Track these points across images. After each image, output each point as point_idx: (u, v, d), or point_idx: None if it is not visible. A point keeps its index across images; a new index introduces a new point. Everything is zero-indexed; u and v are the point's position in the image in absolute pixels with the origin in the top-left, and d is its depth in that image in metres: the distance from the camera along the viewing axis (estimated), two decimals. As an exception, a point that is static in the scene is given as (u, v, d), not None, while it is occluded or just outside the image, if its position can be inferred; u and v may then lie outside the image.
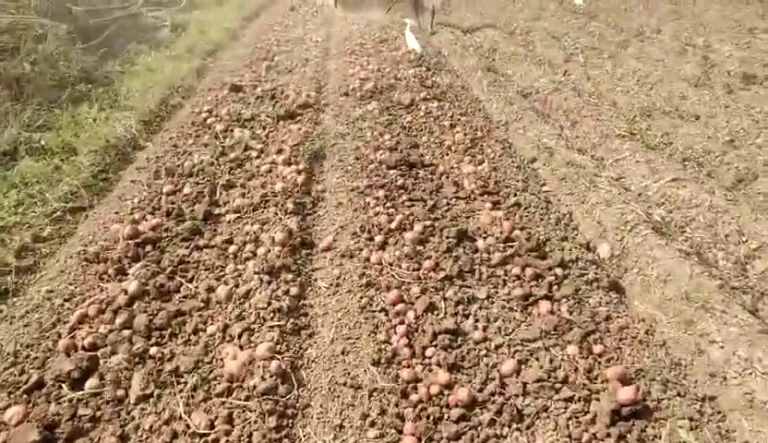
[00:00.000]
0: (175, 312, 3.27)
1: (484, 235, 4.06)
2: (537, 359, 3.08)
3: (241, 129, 5.71)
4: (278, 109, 6.23)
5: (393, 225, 4.08)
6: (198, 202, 4.41)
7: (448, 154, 5.35)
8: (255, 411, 2.70)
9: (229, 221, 4.15)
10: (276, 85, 7.13)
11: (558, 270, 3.68)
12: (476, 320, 3.34)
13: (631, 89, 7.19)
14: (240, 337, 3.01)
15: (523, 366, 3.03)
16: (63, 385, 2.78)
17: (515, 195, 4.63)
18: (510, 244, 3.94)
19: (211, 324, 3.20)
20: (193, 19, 11.40)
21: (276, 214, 4.20)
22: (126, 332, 3.10)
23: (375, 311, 3.33)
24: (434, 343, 3.04)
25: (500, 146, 5.60)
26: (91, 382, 2.79)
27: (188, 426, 2.58)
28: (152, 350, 3.00)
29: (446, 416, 2.75)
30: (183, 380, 2.89)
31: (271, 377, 2.85)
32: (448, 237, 3.97)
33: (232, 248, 3.84)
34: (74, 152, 5.20)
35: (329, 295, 3.55)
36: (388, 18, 10.65)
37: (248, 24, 11.89)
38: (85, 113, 6.08)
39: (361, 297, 3.45)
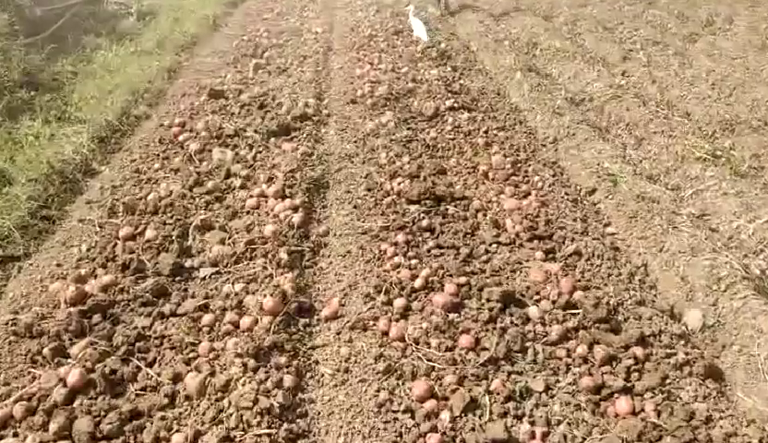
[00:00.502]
0: (130, 413, 2.94)
1: (536, 298, 3.77)
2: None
3: (222, 150, 5.53)
4: (269, 122, 6.07)
5: (418, 283, 3.83)
6: (164, 250, 4.17)
7: (484, 183, 5.15)
8: None
9: (204, 279, 3.93)
10: (266, 89, 7.03)
11: (638, 350, 3.36)
12: (533, 423, 3.00)
13: (707, 95, 6.96)
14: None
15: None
16: None
17: (573, 240, 4.37)
18: (572, 311, 3.64)
19: (178, 430, 2.84)
20: (164, 6, 11.33)
21: (265, 268, 3.99)
22: (63, 444, 2.76)
23: (397, 412, 3.00)
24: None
25: (550, 171, 5.39)
26: None
27: None
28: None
29: None
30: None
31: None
32: (489, 301, 3.68)
33: (207, 318, 3.55)
34: (8, 182, 4.98)
35: (335, 386, 3.22)
36: (402, 2, 10.45)
37: (232, 11, 11.82)
38: (25, 128, 5.90)
39: (378, 390, 3.13)
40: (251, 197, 4.83)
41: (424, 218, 4.55)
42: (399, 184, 5.01)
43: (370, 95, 6.82)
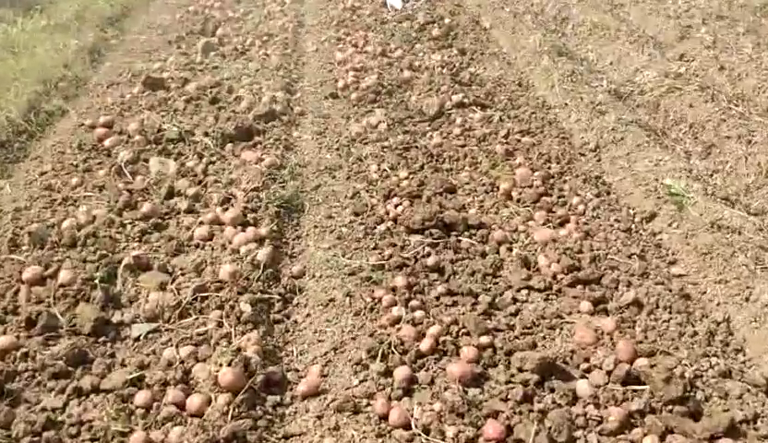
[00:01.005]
0: None
1: (585, 367, 3.64)
2: None
3: (162, 159, 5.46)
4: (224, 123, 6.01)
5: (425, 345, 3.72)
6: (83, 300, 4.00)
7: (506, 205, 5.11)
8: None
9: (138, 340, 3.79)
10: (220, 78, 7.00)
11: (727, 443, 3.19)
12: None
13: (793, 86, 6.88)
14: None
15: None
16: None
17: (629, 285, 4.27)
18: (635, 387, 3.49)
19: None
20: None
21: (221, 325, 3.85)
22: None
23: None
24: None
25: (593, 189, 5.34)
26: None
27: None
28: None
29: None
30: None
31: None
32: (522, 370, 3.56)
33: (141, 397, 3.36)
34: None
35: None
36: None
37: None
38: None
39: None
40: (201, 224, 4.73)
41: (429, 253, 4.49)
42: (396, 206, 4.99)
43: (355, 87, 6.81)
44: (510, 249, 4.60)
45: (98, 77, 7.41)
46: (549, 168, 5.53)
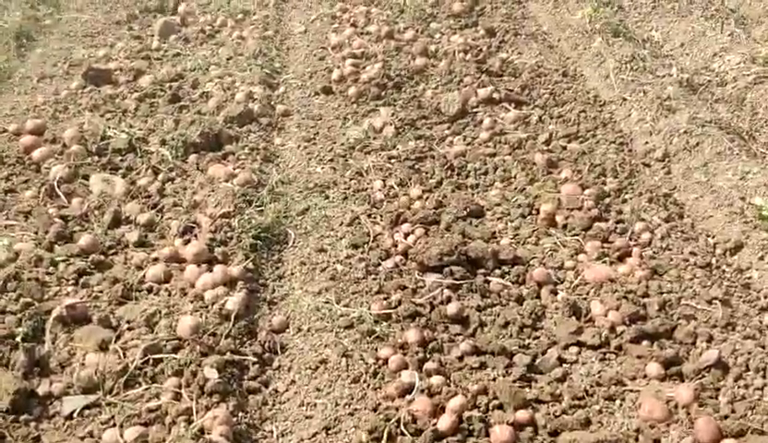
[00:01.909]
0: None
1: None
2: None
3: (106, 177, 5.45)
4: (187, 127, 5.99)
5: (444, 423, 3.64)
6: (1, 365, 3.93)
7: (548, 233, 5.07)
8: None
9: (70, 418, 3.71)
10: (182, 69, 7.05)
11: None
12: None
13: None
14: None
15: None
16: None
17: (710, 340, 4.21)
18: None
19: None
20: None
21: (179, 397, 3.78)
22: None
23: None
24: None
25: (661, 212, 5.29)
26: None
27: None
28: None
29: None
30: None
31: None
32: None
33: None
34: None
35: None
36: None
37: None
38: None
39: None
40: (156, 261, 4.70)
41: (450, 298, 4.43)
42: (406, 236, 4.95)
43: (354, 79, 6.80)
44: (555, 292, 4.53)
45: (25, 68, 7.38)
46: (604, 184, 5.47)
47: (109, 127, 5.89)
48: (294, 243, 5.08)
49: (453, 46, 7.32)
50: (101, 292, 4.48)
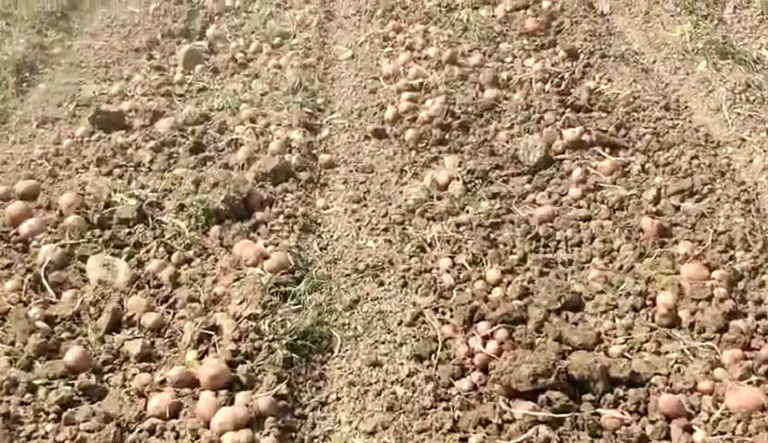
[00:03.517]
0: None
1: None
2: None
3: (107, 259, 4.94)
4: (209, 189, 5.48)
5: None
6: None
7: (670, 336, 4.30)
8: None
9: None
10: (207, 109, 6.71)
11: None
12: None
13: None
14: None
15: None
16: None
17: None
18: None
19: None
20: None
21: None
22: None
23: None
24: None
25: None
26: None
27: None
28: None
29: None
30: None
31: None
32: None
33: None
34: None
35: None
36: None
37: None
38: None
39: None
40: (162, 385, 4.00)
41: (549, 440, 3.72)
42: (484, 341, 4.31)
43: (412, 118, 6.41)
44: (690, 430, 3.70)
45: (25, 109, 7.03)
46: (733, 259, 4.70)
47: (115, 191, 5.39)
48: (338, 352, 4.43)
49: (529, 73, 6.81)
50: (88, 432, 3.75)
